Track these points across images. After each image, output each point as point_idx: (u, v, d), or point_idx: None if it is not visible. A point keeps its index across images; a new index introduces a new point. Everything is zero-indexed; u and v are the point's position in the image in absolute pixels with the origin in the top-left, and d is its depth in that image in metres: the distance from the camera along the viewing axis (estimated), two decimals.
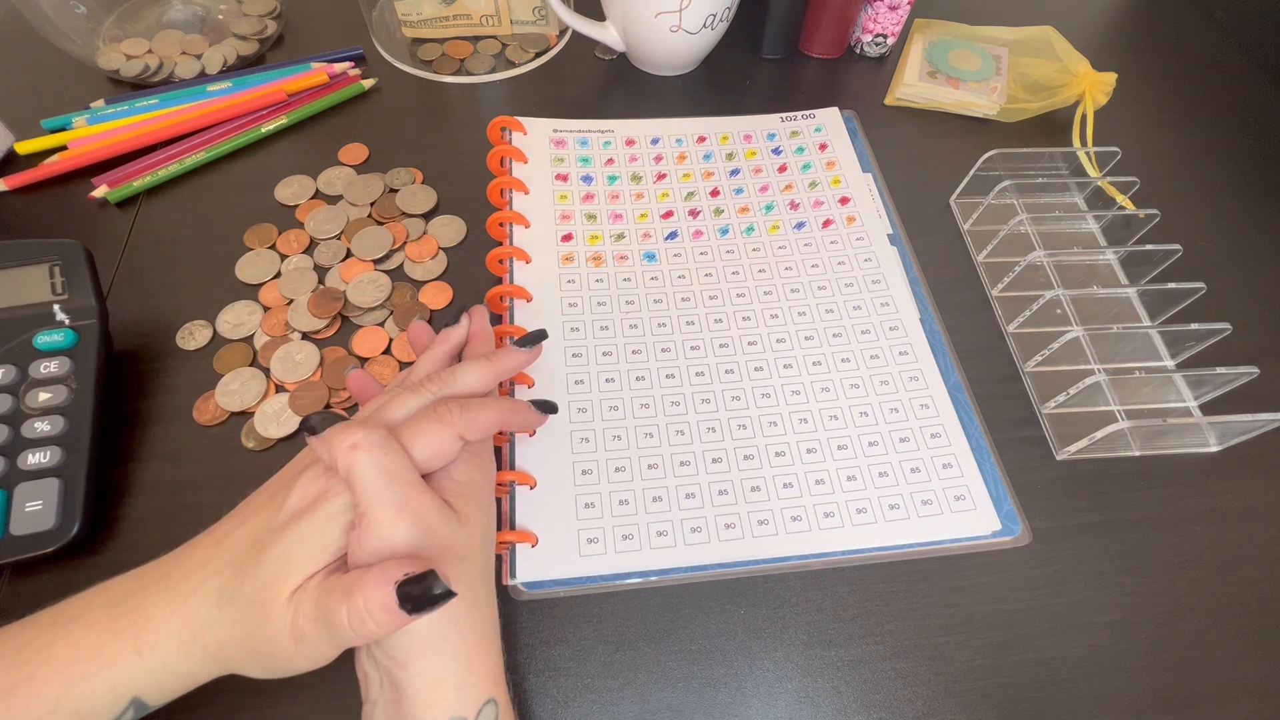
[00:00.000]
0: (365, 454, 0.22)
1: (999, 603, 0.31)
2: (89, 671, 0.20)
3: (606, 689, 0.28)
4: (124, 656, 0.21)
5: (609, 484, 0.32)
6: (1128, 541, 0.33)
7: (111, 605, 0.21)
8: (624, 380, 0.35)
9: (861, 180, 0.44)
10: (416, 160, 0.43)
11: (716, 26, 0.46)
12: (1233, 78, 0.53)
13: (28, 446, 0.29)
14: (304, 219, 0.40)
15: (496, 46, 0.50)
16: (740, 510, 0.32)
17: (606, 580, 0.30)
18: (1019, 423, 0.36)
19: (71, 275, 0.32)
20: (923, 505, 0.32)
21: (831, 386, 0.36)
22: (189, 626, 0.21)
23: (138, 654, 0.21)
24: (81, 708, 0.20)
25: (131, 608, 0.21)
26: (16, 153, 0.42)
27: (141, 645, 0.21)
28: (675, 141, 0.45)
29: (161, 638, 0.21)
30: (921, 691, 0.29)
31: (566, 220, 0.41)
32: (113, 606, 0.21)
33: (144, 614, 0.21)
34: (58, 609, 0.22)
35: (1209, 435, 0.35)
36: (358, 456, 0.22)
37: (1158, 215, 0.40)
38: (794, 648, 0.29)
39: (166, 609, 0.21)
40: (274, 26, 0.49)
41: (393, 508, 0.21)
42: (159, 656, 0.21)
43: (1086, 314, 0.39)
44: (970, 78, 0.48)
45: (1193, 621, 0.31)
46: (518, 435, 0.33)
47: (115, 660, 0.21)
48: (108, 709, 0.21)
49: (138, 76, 0.45)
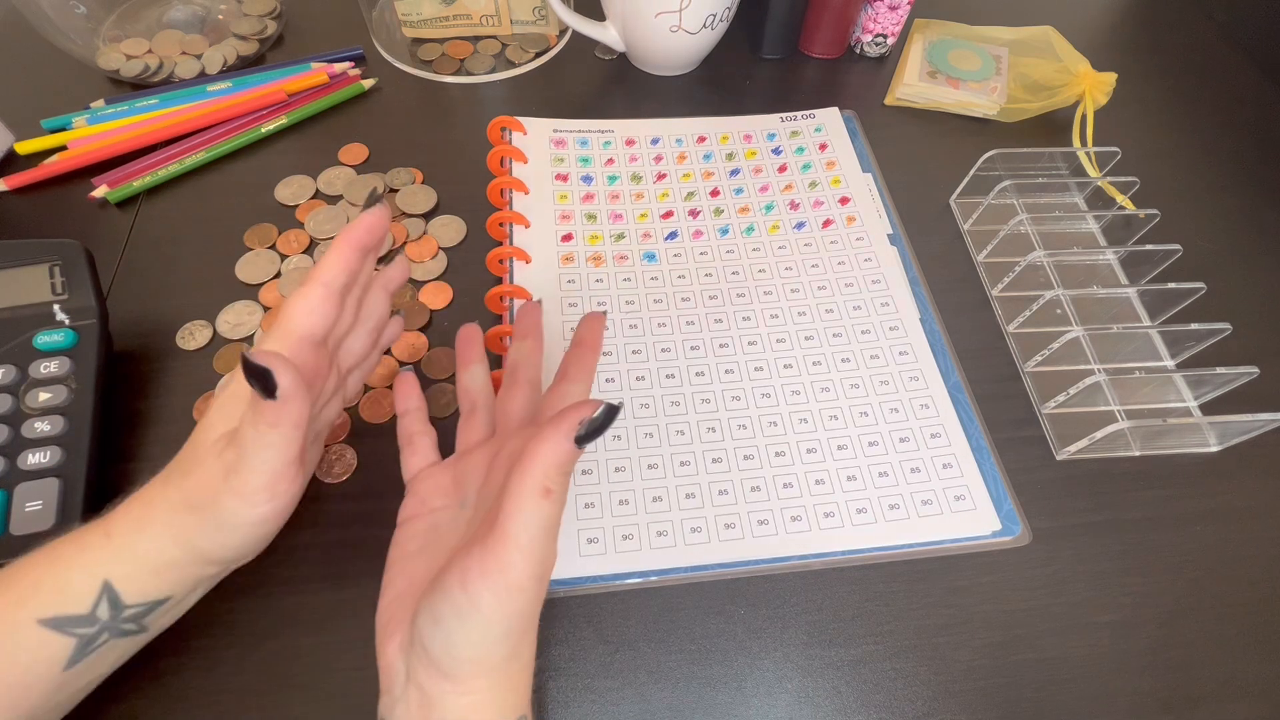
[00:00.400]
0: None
1: (999, 603, 0.31)
2: (65, 553, 0.23)
3: (606, 689, 0.28)
4: (96, 541, 0.23)
5: (609, 484, 0.32)
6: (1128, 541, 0.33)
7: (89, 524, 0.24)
8: (624, 380, 0.35)
9: (861, 180, 0.44)
10: (416, 160, 0.43)
11: (716, 26, 0.46)
12: (1233, 78, 0.53)
13: (28, 446, 0.29)
14: (304, 219, 0.40)
15: (496, 46, 0.50)
16: (740, 510, 0.32)
17: (606, 580, 0.30)
18: (1019, 423, 0.36)
19: (71, 275, 0.32)
20: (923, 505, 0.32)
21: (831, 386, 0.36)
22: (146, 507, 0.24)
23: (107, 535, 0.23)
24: (60, 592, 0.22)
25: (109, 513, 0.24)
26: (16, 153, 0.42)
27: (112, 530, 0.23)
28: (675, 141, 0.45)
29: (128, 523, 0.23)
30: (921, 691, 0.29)
31: (566, 220, 0.41)
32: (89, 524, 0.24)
33: (117, 511, 0.24)
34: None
35: (1209, 435, 0.35)
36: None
37: (1158, 215, 0.40)
38: (794, 648, 0.29)
39: (137, 502, 0.24)
40: (274, 26, 0.49)
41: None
42: (127, 541, 0.23)
43: (1086, 314, 0.39)
44: (970, 78, 0.49)
45: (1193, 621, 0.31)
46: None
47: (89, 545, 0.23)
48: (84, 593, 0.23)
49: (138, 76, 0.45)
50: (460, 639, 0.20)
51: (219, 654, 0.28)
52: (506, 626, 0.20)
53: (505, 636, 0.21)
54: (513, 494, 0.19)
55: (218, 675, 0.28)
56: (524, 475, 0.19)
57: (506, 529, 0.19)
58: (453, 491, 0.27)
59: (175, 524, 0.23)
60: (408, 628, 0.22)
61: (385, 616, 0.24)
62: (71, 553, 0.23)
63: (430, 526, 0.25)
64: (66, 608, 0.22)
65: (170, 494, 0.23)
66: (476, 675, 0.21)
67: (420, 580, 0.23)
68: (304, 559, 0.30)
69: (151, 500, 0.24)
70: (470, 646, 0.20)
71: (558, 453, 0.19)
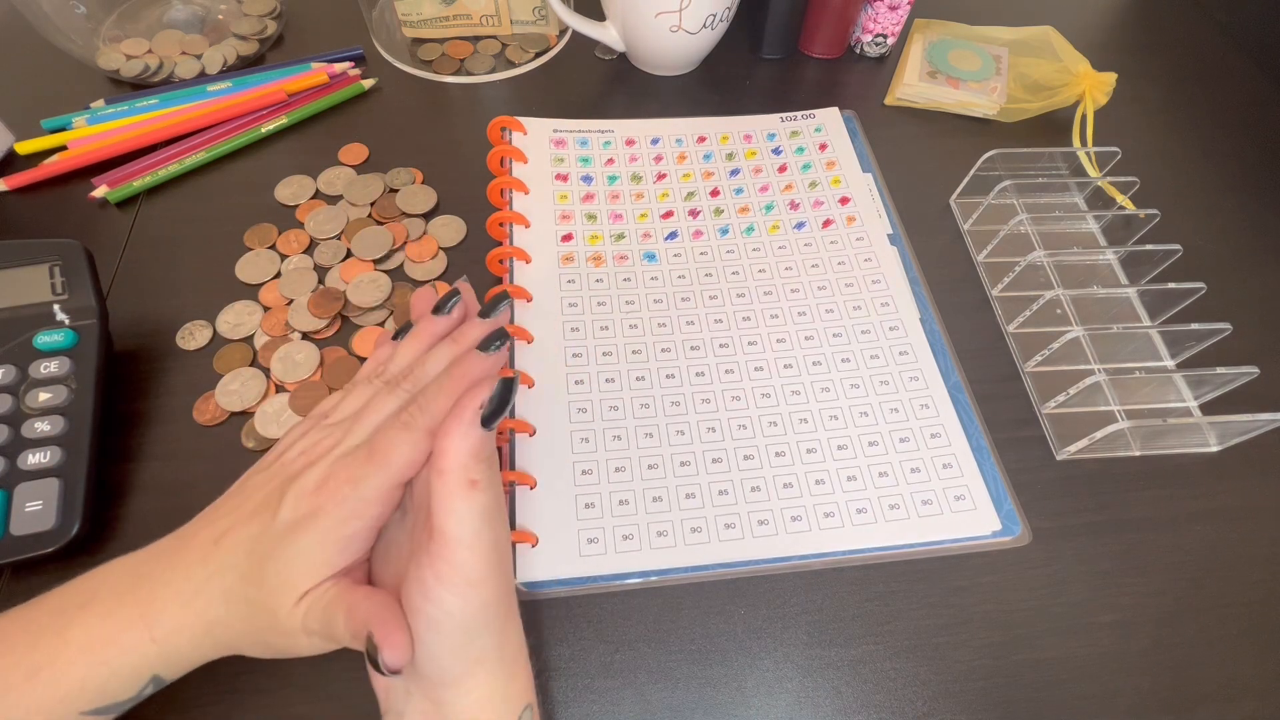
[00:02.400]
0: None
1: (999, 603, 0.31)
2: (110, 657, 0.22)
3: (606, 689, 0.28)
4: (142, 644, 0.22)
5: (609, 484, 0.32)
6: (1128, 541, 0.33)
7: (121, 594, 0.22)
8: (624, 380, 0.35)
9: (861, 180, 0.44)
10: (416, 160, 0.43)
11: (716, 26, 0.46)
12: (1233, 78, 0.53)
13: (28, 446, 0.29)
14: (304, 219, 0.40)
15: (496, 46, 0.50)
16: (740, 510, 0.32)
17: (607, 580, 0.30)
18: (1019, 423, 0.36)
19: (71, 275, 0.32)
20: (923, 505, 0.32)
21: (832, 386, 0.36)
22: (201, 621, 0.22)
23: (154, 642, 0.22)
24: (106, 687, 0.22)
25: (142, 598, 0.22)
26: (16, 153, 0.42)
27: (157, 635, 0.22)
28: (675, 141, 0.45)
29: (174, 630, 0.22)
30: (921, 691, 0.29)
31: (566, 220, 0.41)
32: (123, 595, 0.22)
33: (154, 605, 0.22)
34: (63, 592, 0.23)
35: (1209, 435, 0.35)
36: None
37: (1158, 215, 0.40)
38: (794, 648, 0.29)
39: (176, 603, 0.22)
40: (274, 26, 0.49)
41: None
42: (173, 645, 0.22)
43: (1086, 314, 0.39)
44: (970, 78, 0.48)
45: (1193, 621, 0.31)
46: (518, 435, 0.33)
47: (134, 648, 0.22)
48: (130, 687, 0.22)
49: (138, 76, 0.45)
50: (440, 648, 0.20)
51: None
52: (481, 620, 0.21)
53: (484, 630, 0.21)
54: (439, 495, 0.19)
55: (218, 675, 0.27)
56: (444, 474, 0.19)
57: (445, 531, 0.19)
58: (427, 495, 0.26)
59: (233, 645, 0.23)
60: None
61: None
62: (114, 654, 0.22)
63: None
64: (112, 698, 0.22)
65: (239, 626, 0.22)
66: (470, 674, 0.21)
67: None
68: None
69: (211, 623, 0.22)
70: (452, 651, 0.21)
71: (469, 442, 0.19)
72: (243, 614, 0.22)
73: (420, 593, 0.20)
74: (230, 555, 0.22)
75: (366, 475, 0.22)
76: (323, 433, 0.24)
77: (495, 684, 0.22)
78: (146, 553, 0.23)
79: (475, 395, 0.19)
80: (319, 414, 0.26)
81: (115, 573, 0.23)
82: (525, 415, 0.33)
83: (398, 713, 0.22)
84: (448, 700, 0.21)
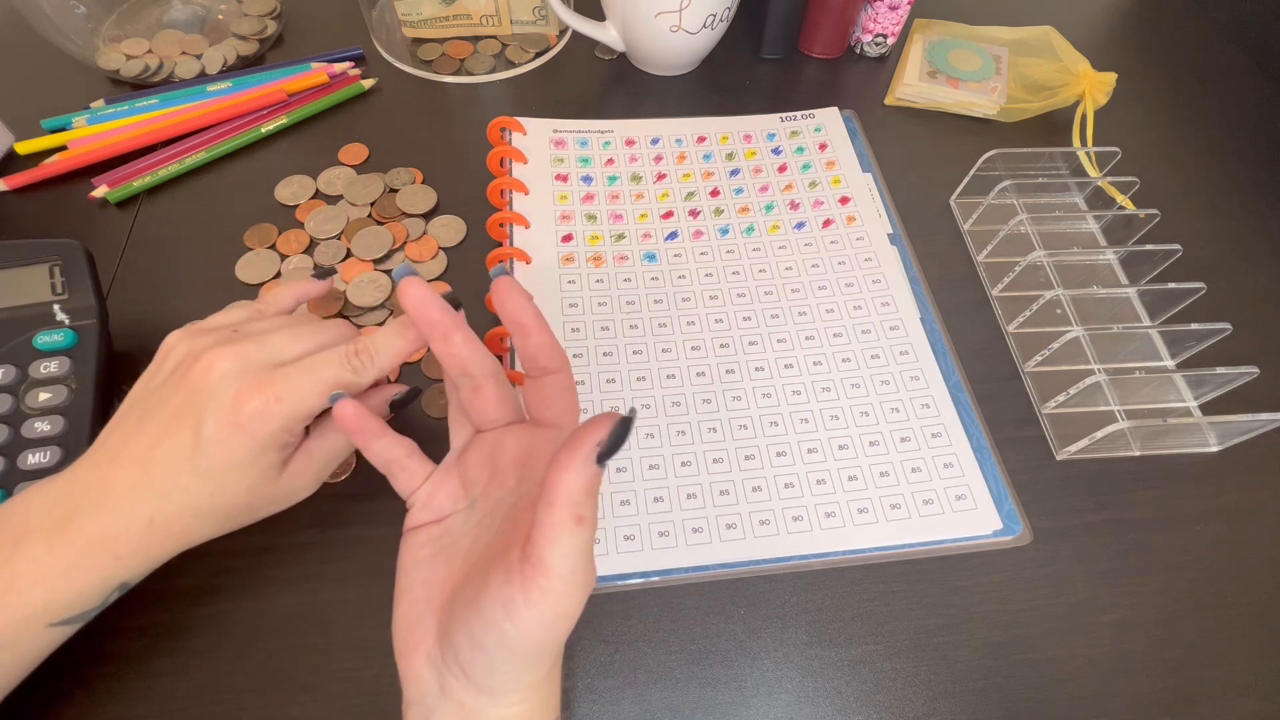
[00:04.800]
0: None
1: (999, 603, 0.31)
2: (73, 579, 0.23)
3: (606, 689, 0.28)
4: (106, 563, 0.23)
5: (610, 485, 0.32)
6: (1128, 541, 0.33)
7: (61, 527, 0.23)
8: (625, 381, 0.35)
9: (861, 180, 0.44)
10: (416, 160, 0.43)
11: (716, 26, 0.46)
12: (1233, 78, 0.53)
13: (28, 446, 0.29)
14: (304, 219, 0.40)
15: (496, 46, 0.50)
16: (742, 510, 0.32)
17: (609, 581, 0.30)
18: (1019, 423, 0.36)
19: (71, 275, 0.32)
20: (924, 505, 0.32)
21: (832, 386, 0.36)
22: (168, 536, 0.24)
23: (118, 559, 0.23)
24: (72, 603, 0.23)
25: (91, 528, 0.23)
26: (16, 153, 0.42)
27: (121, 552, 0.23)
28: (675, 141, 0.45)
29: (139, 548, 0.24)
30: (921, 691, 0.29)
31: (567, 221, 0.41)
32: (63, 528, 0.23)
33: (109, 533, 0.23)
34: None
35: (1209, 435, 0.35)
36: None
37: (1158, 215, 0.40)
38: (794, 648, 0.30)
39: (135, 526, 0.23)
40: (274, 26, 0.49)
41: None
42: (140, 558, 0.24)
43: (1086, 314, 0.39)
44: (970, 78, 0.49)
45: (1193, 621, 0.31)
46: None
47: (98, 568, 0.23)
48: (96, 597, 0.24)
49: (138, 76, 0.45)
50: (505, 665, 0.20)
51: (219, 654, 0.28)
52: (553, 649, 0.21)
53: (549, 656, 0.21)
54: (545, 526, 0.19)
55: (218, 675, 0.28)
56: (553, 506, 0.19)
57: (547, 563, 0.19)
58: (460, 495, 0.26)
59: (204, 536, 0.25)
60: (433, 641, 0.22)
61: (405, 626, 0.23)
62: (78, 575, 0.23)
63: (441, 532, 0.25)
64: (78, 609, 0.23)
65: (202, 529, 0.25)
66: (518, 690, 0.21)
67: (438, 588, 0.23)
68: (304, 559, 0.30)
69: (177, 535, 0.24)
70: (515, 671, 0.21)
71: (583, 479, 0.19)
72: (221, 518, 0.25)
73: (502, 610, 0.20)
74: (172, 478, 0.24)
75: (297, 398, 0.24)
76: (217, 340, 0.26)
77: (534, 703, 0.22)
78: (63, 487, 0.24)
79: (595, 432, 0.19)
80: (196, 328, 0.27)
81: (37, 509, 0.23)
82: None
83: (428, 708, 0.22)
84: (482, 708, 0.21)
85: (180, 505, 0.24)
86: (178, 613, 0.29)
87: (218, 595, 0.29)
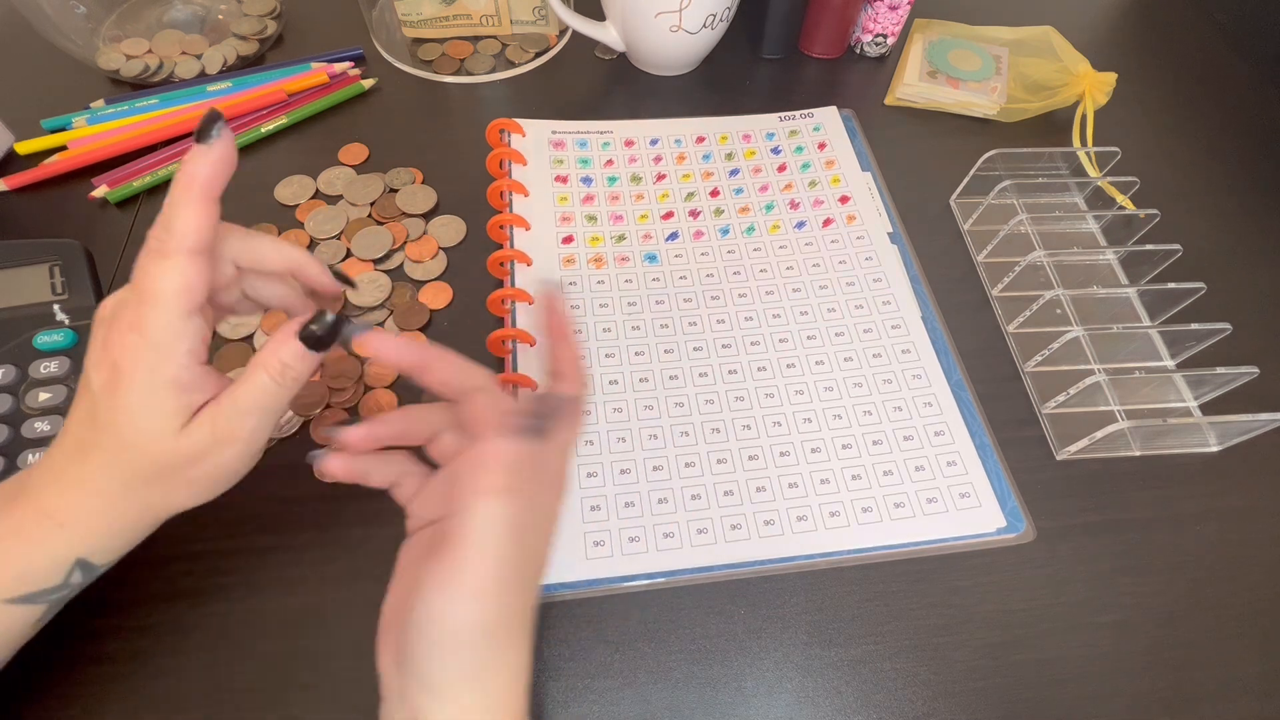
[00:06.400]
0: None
1: (999, 603, 0.31)
2: (16, 549, 0.22)
3: (606, 689, 0.28)
4: (49, 532, 0.22)
5: (614, 486, 0.32)
6: (1128, 541, 0.33)
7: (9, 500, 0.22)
8: (627, 383, 0.35)
9: (861, 179, 0.44)
10: (416, 160, 0.43)
11: (716, 26, 0.46)
12: (1233, 78, 0.53)
13: (28, 447, 0.29)
14: (304, 219, 0.40)
15: (496, 46, 0.50)
16: (746, 510, 0.32)
17: (613, 583, 0.30)
18: (1019, 423, 0.36)
19: (71, 275, 0.32)
20: (928, 503, 0.32)
21: (835, 386, 0.36)
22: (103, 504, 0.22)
23: (61, 527, 0.22)
24: (25, 575, 0.22)
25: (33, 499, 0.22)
26: (16, 153, 0.42)
27: (62, 520, 0.22)
28: (674, 142, 0.45)
29: (80, 516, 0.22)
30: (921, 691, 0.29)
31: (567, 222, 0.41)
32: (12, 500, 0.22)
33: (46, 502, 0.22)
34: None
35: (1209, 435, 0.35)
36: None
37: (1158, 215, 0.40)
38: (794, 648, 0.30)
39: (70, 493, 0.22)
40: (274, 26, 0.49)
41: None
42: (86, 529, 0.22)
43: (1086, 314, 0.39)
44: (970, 78, 0.49)
45: (1193, 621, 0.31)
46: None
47: (43, 538, 0.22)
48: (54, 574, 0.22)
49: (138, 76, 0.45)
50: (424, 651, 0.20)
51: (219, 654, 0.28)
52: (478, 636, 0.20)
53: (480, 646, 0.20)
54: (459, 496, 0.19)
55: (218, 675, 0.28)
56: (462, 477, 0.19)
57: (455, 534, 0.19)
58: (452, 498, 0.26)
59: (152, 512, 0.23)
60: (396, 640, 0.22)
61: (384, 624, 0.23)
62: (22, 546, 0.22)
63: (433, 534, 0.25)
64: (38, 584, 0.22)
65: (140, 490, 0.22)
66: (454, 686, 0.21)
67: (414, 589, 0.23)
68: (304, 559, 0.30)
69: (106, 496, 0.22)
70: (441, 659, 0.20)
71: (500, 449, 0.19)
72: (142, 480, 0.22)
73: (418, 594, 0.19)
74: (84, 435, 0.22)
75: (144, 318, 0.21)
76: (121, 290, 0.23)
77: (481, 704, 0.21)
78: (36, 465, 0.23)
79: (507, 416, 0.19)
80: None
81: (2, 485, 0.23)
82: None
83: (390, 709, 0.22)
84: (425, 708, 0.21)
85: (100, 463, 0.22)
86: (178, 613, 0.29)
87: (218, 595, 0.29)
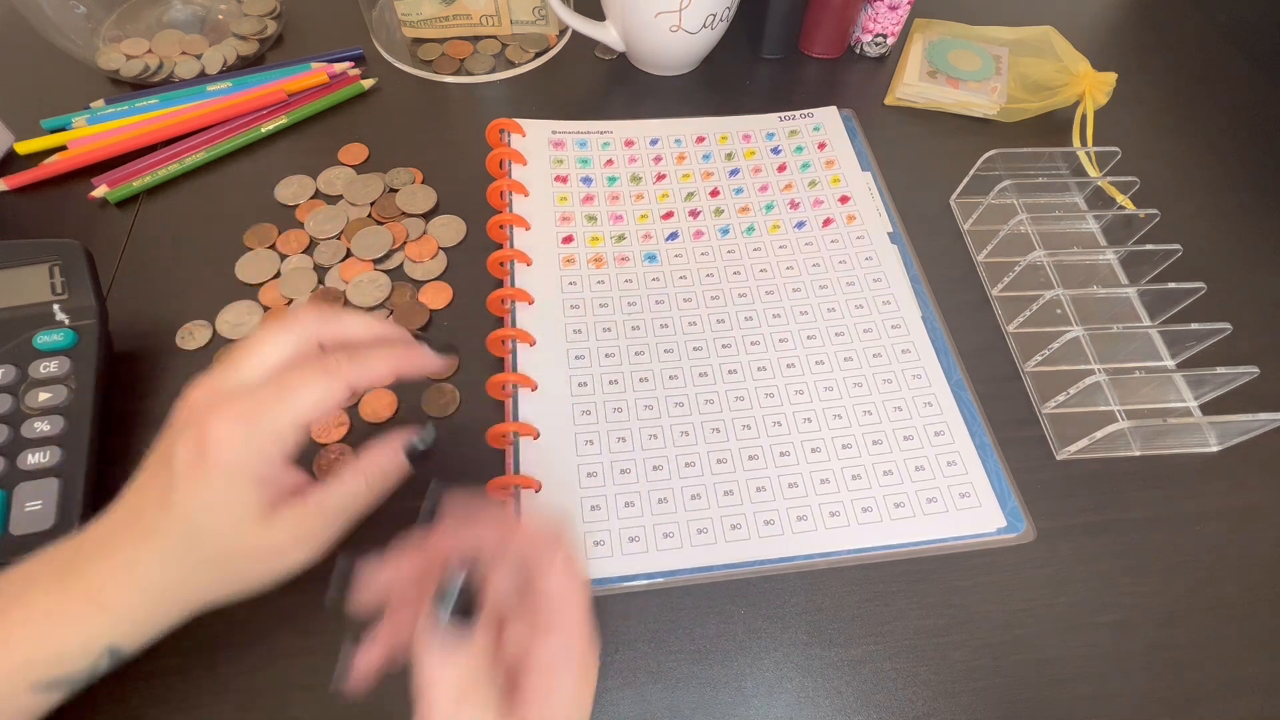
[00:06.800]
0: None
1: (999, 603, 0.31)
2: (54, 630, 0.22)
3: (606, 689, 0.28)
4: (87, 614, 0.22)
5: (614, 486, 0.32)
6: (1128, 541, 0.33)
7: (60, 572, 0.22)
8: (627, 382, 0.35)
9: (861, 179, 0.44)
10: (416, 160, 0.43)
11: (716, 26, 0.46)
12: (1233, 78, 0.53)
13: (27, 446, 0.29)
14: (304, 219, 0.40)
15: (496, 46, 0.50)
16: (746, 510, 0.32)
17: (614, 583, 0.30)
18: (1019, 423, 0.36)
19: (71, 275, 0.32)
20: (928, 503, 0.32)
21: (835, 385, 0.36)
22: (147, 587, 0.22)
23: (101, 610, 0.22)
24: (56, 660, 0.22)
25: (80, 572, 0.22)
26: (16, 153, 0.42)
27: (103, 602, 0.22)
28: (674, 142, 0.45)
29: (121, 599, 0.22)
30: (921, 691, 0.29)
31: (567, 222, 0.41)
32: (62, 573, 0.22)
33: (95, 579, 0.22)
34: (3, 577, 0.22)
35: (1209, 435, 0.35)
36: None
37: (1158, 215, 0.40)
38: (794, 648, 0.30)
39: (118, 573, 0.22)
40: (274, 26, 0.49)
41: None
42: (123, 613, 0.22)
43: (1086, 314, 0.39)
44: (970, 78, 0.49)
45: (1193, 621, 0.31)
46: (523, 439, 0.33)
47: (80, 618, 0.22)
48: (82, 659, 0.22)
49: (138, 76, 0.45)
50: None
51: (219, 654, 0.28)
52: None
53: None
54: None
55: (218, 675, 0.28)
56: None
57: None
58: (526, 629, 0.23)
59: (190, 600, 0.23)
60: None
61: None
62: (58, 628, 0.22)
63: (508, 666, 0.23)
64: (64, 670, 0.22)
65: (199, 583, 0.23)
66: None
67: None
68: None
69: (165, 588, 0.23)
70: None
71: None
72: (201, 567, 0.22)
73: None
74: (151, 521, 0.22)
75: (261, 414, 0.22)
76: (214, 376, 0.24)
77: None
78: (77, 540, 0.23)
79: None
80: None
81: (55, 553, 0.23)
82: (529, 418, 0.33)
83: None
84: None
85: (159, 549, 0.22)
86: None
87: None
